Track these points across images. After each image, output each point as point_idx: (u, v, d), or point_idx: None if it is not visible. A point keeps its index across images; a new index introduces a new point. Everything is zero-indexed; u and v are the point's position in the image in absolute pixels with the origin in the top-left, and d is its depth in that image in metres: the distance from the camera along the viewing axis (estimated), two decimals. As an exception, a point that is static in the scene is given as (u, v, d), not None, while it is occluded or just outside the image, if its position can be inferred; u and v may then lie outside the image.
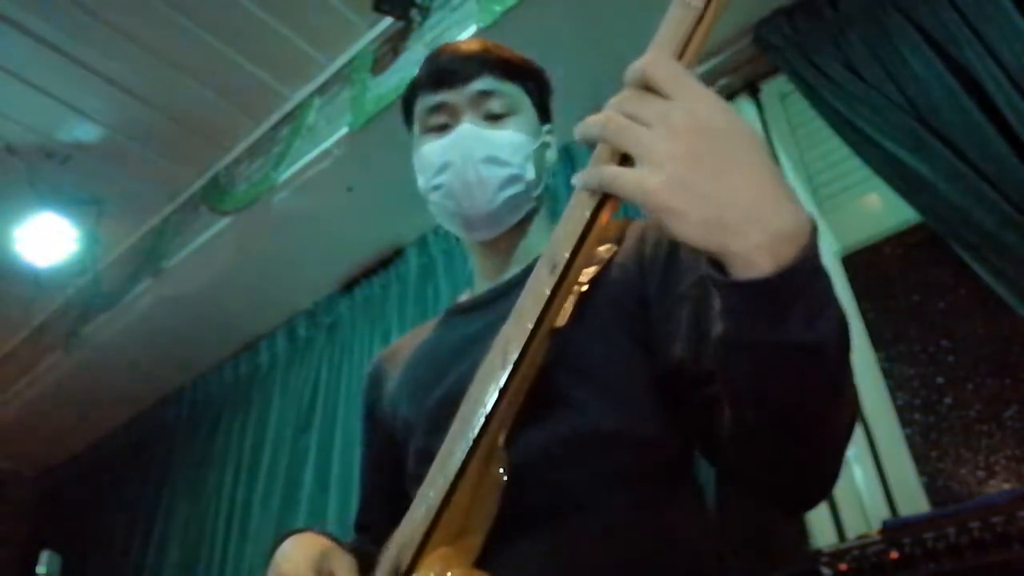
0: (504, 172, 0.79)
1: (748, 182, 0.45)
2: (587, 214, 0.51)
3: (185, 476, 3.08)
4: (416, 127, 0.86)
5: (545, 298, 0.54)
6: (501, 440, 0.60)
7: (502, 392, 0.55)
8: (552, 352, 0.65)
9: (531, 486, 0.62)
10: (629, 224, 0.79)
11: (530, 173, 0.82)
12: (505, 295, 0.57)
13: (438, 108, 0.82)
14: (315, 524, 2.30)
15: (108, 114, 2.57)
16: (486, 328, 0.58)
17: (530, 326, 0.54)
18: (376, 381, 0.90)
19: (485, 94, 0.80)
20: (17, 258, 2.72)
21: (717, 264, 0.46)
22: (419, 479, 0.61)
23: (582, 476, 0.65)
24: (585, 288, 0.70)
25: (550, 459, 0.65)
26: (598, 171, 0.49)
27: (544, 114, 0.89)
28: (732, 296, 0.47)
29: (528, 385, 0.63)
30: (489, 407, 0.55)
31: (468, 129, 0.79)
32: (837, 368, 0.50)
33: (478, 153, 0.79)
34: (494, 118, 0.81)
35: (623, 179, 0.47)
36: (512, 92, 0.82)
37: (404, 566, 0.57)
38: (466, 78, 0.80)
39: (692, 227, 0.45)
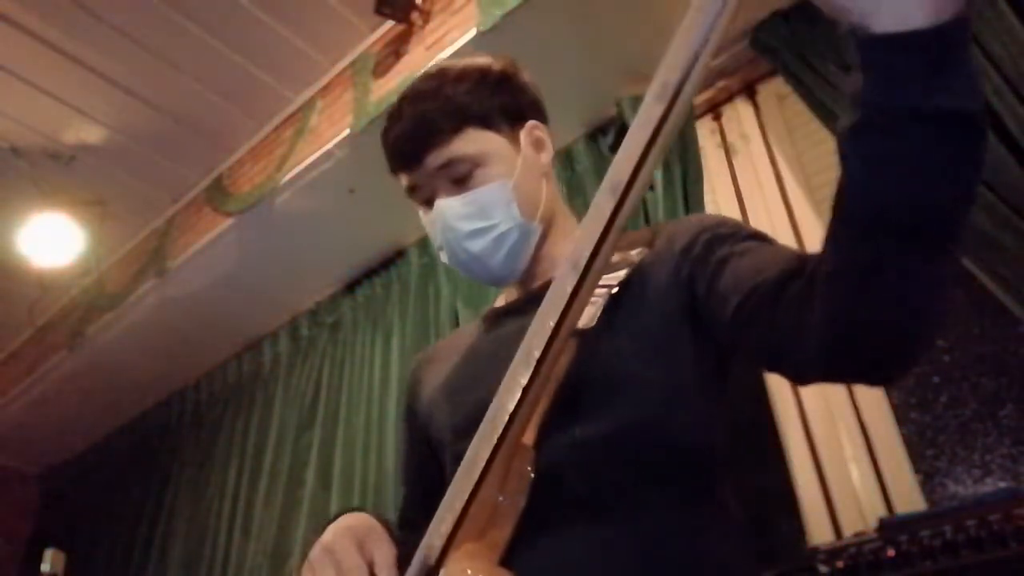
0: (491, 236, 0.78)
1: None
2: (607, 212, 0.52)
3: (188, 474, 3.10)
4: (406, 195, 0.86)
5: (567, 296, 0.54)
6: (531, 439, 0.61)
7: (525, 391, 0.56)
8: (584, 354, 0.66)
9: (560, 485, 0.63)
10: (658, 228, 0.79)
11: (516, 213, 0.79)
12: (539, 299, 0.58)
13: (412, 190, 0.83)
14: (317, 523, 2.32)
15: (112, 116, 2.59)
16: (520, 332, 0.58)
17: (551, 324, 0.55)
18: (415, 384, 0.92)
19: (445, 166, 0.79)
20: (22, 258, 2.74)
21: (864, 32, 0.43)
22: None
23: (612, 476, 0.65)
24: (616, 291, 0.70)
25: (580, 459, 0.65)
26: None
27: (516, 115, 0.83)
28: (884, 53, 0.42)
29: (558, 386, 0.64)
30: (512, 406, 0.56)
31: (441, 209, 0.79)
32: (981, 156, 0.45)
33: (460, 230, 0.78)
34: (461, 181, 0.79)
35: None
36: (465, 144, 0.79)
37: (432, 562, 0.59)
38: (418, 158, 0.79)
39: None
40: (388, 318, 2.53)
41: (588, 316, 0.67)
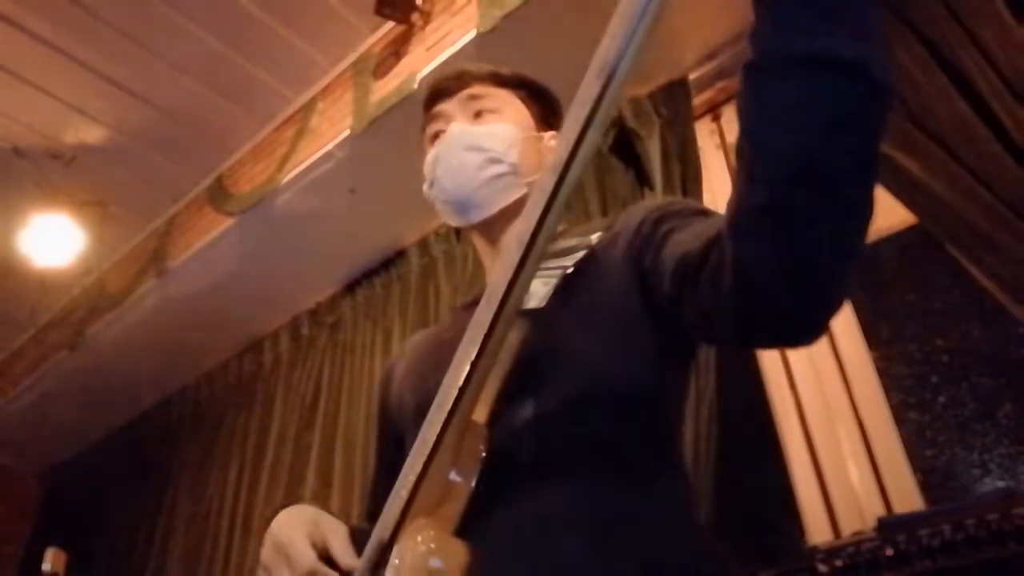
0: (483, 155, 0.84)
1: None
2: (548, 189, 0.54)
3: (189, 474, 3.10)
4: (425, 143, 0.92)
5: (511, 271, 0.56)
6: (483, 417, 0.63)
7: (472, 366, 0.58)
8: (535, 333, 0.68)
9: (511, 461, 0.64)
10: (618, 214, 0.82)
11: (513, 157, 0.85)
12: None
13: (435, 117, 0.90)
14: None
15: (113, 116, 2.60)
16: None
17: (498, 300, 0.57)
18: (387, 378, 0.94)
19: (473, 96, 0.88)
20: (23, 258, 2.74)
21: None
22: None
23: (561, 450, 0.66)
24: (570, 271, 0.71)
25: (530, 435, 0.66)
26: None
27: (545, 124, 0.92)
28: None
29: (510, 365, 0.65)
30: (460, 382, 0.58)
31: (455, 127, 0.86)
32: (875, 110, 0.45)
33: (461, 143, 0.85)
34: (480, 116, 0.87)
35: None
36: (500, 95, 0.89)
37: (386, 538, 0.60)
38: (458, 88, 0.89)
39: None
40: (388, 318, 2.53)
41: (541, 296, 0.68)
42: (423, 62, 2.08)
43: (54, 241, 2.70)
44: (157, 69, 2.44)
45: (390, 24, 2.22)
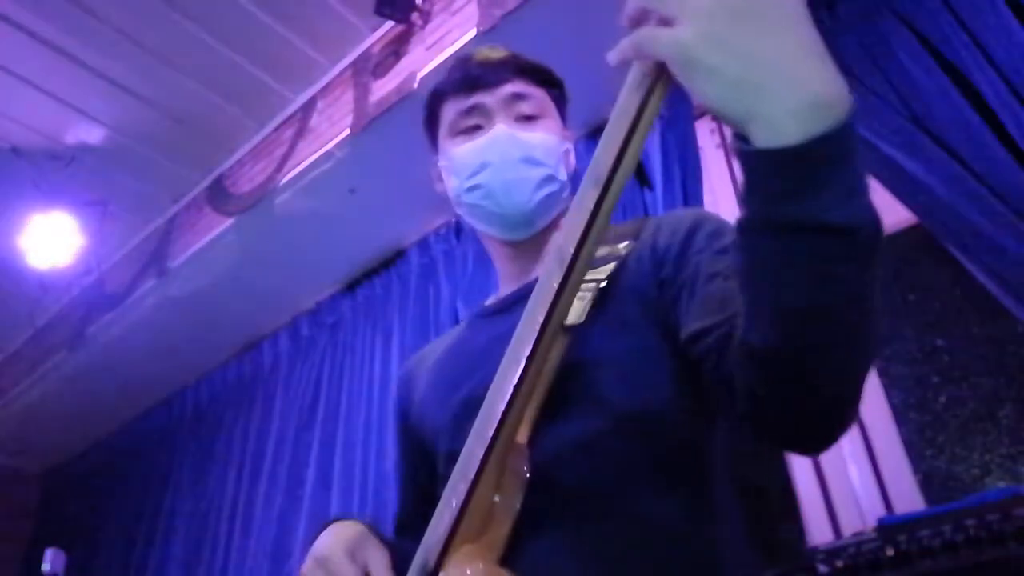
0: (540, 172, 0.80)
1: (787, 43, 0.42)
2: (591, 205, 0.51)
3: (188, 474, 3.10)
4: (443, 131, 0.86)
5: (554, 292, 0.54)
6: (524, 437, 0.61)
7: (516, 388, 0.56)
8: (574, 351, 0.66)
9: (555, 482, 0.63)
10: (646, 221, 0.80)
11: (562, 174, 0.83)
12: (527, 297, 0.58)
13: (471, 110, 0.82)
14: (318, 521, 2.32)
15: (113, 116, 2.59)
16: (511, 329, 0.58)
17: (540, 321, 0.54)
18: (406, 387, 0.91)
19: (517, 96, 0.82)
20: (22, 259, 2.74)
21: (742, 138, 0.44)
22: (447, 480, 0.61)
23: (604, 470, 0.65)
24: (604, 284, 0.70)
25: (573, 455, 0.65)
26: (632, 37, 0.47)
27: (564, 122, 0.91)
28: (756, 166, 0.43)
29: (551, 383, 0.64)
30: (504, 404, 0.56)
31: (504, 130, 0.80)
32: (867, 263, 0.46)
33: (515, 153, 0.79)
34: (525, 120, 0.82)
35: (656, 37, 0.45)
36: (540, 96, 0.84)
37: (431, 565, 0.59)
38: (499, 81, 0.82)
39: (721, 87, 0.43)
40: (388, 318, 2.53)
41: (578, 312, 0.66)
42: (423, 61, 2.08)
43: (53, 241, 2.70)
44: (156, 69, 2.44)
45: (390, 24, 2.22)
